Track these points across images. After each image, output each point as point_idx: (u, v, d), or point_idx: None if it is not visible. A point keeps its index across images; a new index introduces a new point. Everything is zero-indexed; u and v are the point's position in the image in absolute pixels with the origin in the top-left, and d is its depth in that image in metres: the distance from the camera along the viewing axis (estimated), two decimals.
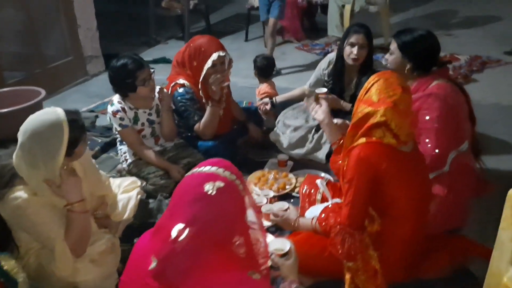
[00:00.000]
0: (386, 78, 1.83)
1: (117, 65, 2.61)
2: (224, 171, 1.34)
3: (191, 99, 2.89)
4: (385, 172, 1.81)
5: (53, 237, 1.85)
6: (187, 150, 2.93)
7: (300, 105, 3.31)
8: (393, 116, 1.77)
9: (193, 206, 1.29)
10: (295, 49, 5.61)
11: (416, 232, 1.98)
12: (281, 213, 2.25)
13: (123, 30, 6.15)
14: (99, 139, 3.49)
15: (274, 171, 2.90)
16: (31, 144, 1.80)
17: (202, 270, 1.28)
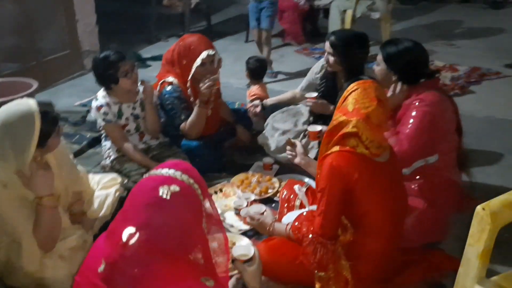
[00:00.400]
0: (365, 88, 1.80)
1: (100, 57, 2.64)
2: (181, 174, 1.30)
3: (178, 97, 2.87)
4: (357, 182, 1.78)
5: (20, 231, 1.84)
6: (171, 150, 2.91)
7: (289, 108, 3.28)
8: (364, 129, 1.75)
9: (146, 210, 1.24)
10: (294, 52, 5.59)
11: (390, 245, 1.95)
12: (257, 216, 2.22)
13: (124, 27, 6.15)
14: (88, 134, 3.49)
15: (258, 174, 2.87)
16: (1, 135, 1.79)
17: (153, 279, 1.23)
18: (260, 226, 2.22)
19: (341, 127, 1.78)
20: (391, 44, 2.34)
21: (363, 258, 1.92)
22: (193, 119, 2.85)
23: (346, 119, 1.76)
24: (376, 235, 1.89)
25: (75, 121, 3.67)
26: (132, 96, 2.79)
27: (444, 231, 2.33)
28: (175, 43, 2.97)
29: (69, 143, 3.32)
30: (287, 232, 2.04)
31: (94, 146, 3.32)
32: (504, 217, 1.53)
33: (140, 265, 1.22)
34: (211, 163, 2.96)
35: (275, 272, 2.00)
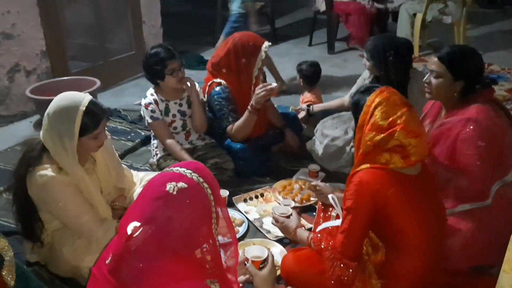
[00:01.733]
0: (387, 98, 1.69)
1: (151, 52, 2.71)
2: (192, 173, 1.30)
3: (227, 98, 2.87)
4: (389, 199, 1.67)
5: (73, 215, 1.95)
6: (216, 151, 2.91)
7: (341, 115, 3.16)
8: (407, 138, 1.64)
9: (151, 204, 1.25)
10: (358, 57, 5.40)
11: (428, 265, 1.80)
12: (281, 219, 2.16)
13: (189, 29, 6.31)
14: (143, 132, 3.59)
15: (302, 181, 2.79)
16: (52, 117, 1.91)
17: (158, 275, 1.23)
18: (283, 229, 2.16)
19: (381, 146, 1.67)
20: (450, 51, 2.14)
21: (397, 278, 1.78)
22: (241, 123, 2.83)
23: (385, 136, 1.66)
24: (411, 254, 1.75)
25: (133, 119, 3.79)
26: (179, 94, 2.84)
27: (496, 254, 2.11)
28: (220, 48, 2.96)
29: (124, 140, 3.44)
30: (308, 241, 1.96)
31: (146, 144, 3.41)
32: None
33: (145, 259, 1.23)
34: (255, 166, 2.93)
35: (302, 283, 1.93)
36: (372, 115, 1.68)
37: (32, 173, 1.92)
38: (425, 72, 2.29)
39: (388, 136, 1.66)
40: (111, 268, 1.28)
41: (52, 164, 1.94)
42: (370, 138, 1.68)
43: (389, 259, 1.79)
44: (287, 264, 1.97)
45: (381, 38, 3.00)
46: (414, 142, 1.66)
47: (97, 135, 1.97)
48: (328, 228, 2.04)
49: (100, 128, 1.96)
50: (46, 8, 3.93)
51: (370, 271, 1.78)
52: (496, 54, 5.15)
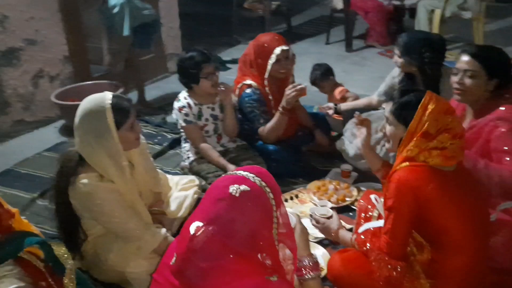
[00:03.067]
0: (437, 105, 1.69)
1: (186, 55, 2.72)
2: (254, 177, 1.33)
3: (258, 100, 2.87)
4: (429, 196, 1.67)
5: (119, 221, 1.95)
6: (248, 153, 2.91)
7: (371, 113, 3.14)
8: (450, 140, 1.67)
9: (215, 205, 1.28)
10: (377, 54, 5.39)
11: (476, 262, 1.78)
12: (322, 220, 2.16)
13: (206, 30, 6.31)
14: (169, 135, 3.60)
15: (336, 181, 2.79)
16: (83, 123, 1.91)
17: (221, 274, 1.26)
18: (324, 230, 2.16)
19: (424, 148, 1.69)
20: (485, 49, 2.14)
21: (445, 277, 1.77)
22: (273, 124, 2.83)
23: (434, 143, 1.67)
24: (457, 252, 1.74)
25: (157, 122, 3.80)
26: (212, 98, 2.84)
27: None
28: (249, 45, 2.98)
29: (151, 143, 3.44)
30: (352, 242, 1.97)
31: (174, 147, 3.42)
32: None
33: (208, 259, 1.25)
34: (287, 167, 2.92)
35: (350, 285, 1.92)
36: (425, 123, 1.68)
37: (74, 183, 1.92)
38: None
39: (435, 141, 1.67)
40: (176, 269, 1.31)
41: (93, 172, 1.94)
42: (417, 144, 1.69)
43: (435, 258, 1.77)
44: (334, 266, 1.97)
45: (415, 33, 3.02)
46: (454, 142, 1.67)
47: (132, 124, 1.97)
48: (371, 229, 2.02)
49: (132, 116, 1.97)
50: (69, 13, 3.93)
51: (418, 271, 1.77)
52: None
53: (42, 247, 1.39)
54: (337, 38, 5.83)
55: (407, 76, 2.88)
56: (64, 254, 1.46)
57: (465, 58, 2.11)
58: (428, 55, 2.63)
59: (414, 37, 2.75)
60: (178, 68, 2.77)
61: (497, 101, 2.09)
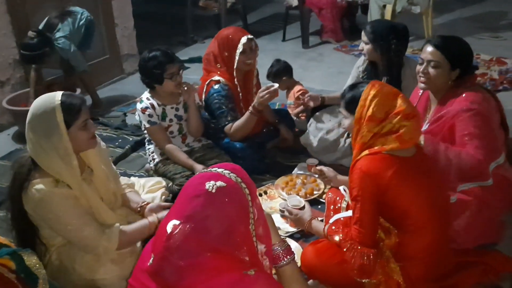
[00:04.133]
0: (380, 90, 1.77)
1: (149, 55, 2.65)
2: (230, 173, 1.33)
3: (226, 96, 2.86)
4: (389, 181, 1.74)
5: (71, 229, 1.86)
6: (214, 151, 2.89)
7: (333, 107, 3.20)
8: (401, 121, 1.73)
9: (191, 203, 1.28)
10: (333, 50, 5.49)
11: (439, 240, 1.87)
12: (295, 211, 2.20)
13: (160, 29, 6.21)
14: (131, 137, 3.52)
15: (303, 175, 2.82)
16: (33, 124, 1.82)
17: (199, 271, 1.25)
18: (297, 221, 2.21)
19: (377, 133, 1.76)
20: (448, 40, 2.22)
21: (413, 258, 1.85)
22: (241, 124, 2.83)
23: (382, 125, 1.74)
24: (421, 232, 1.82)
25: (117, 125, 3.70)
26: (175, 98, 2.80)
27: (500, 232, 2.22)
28: (212, 41, 2.97)
29: (112, 146, 3.35)
30: (325, 233, 2.01)
31: (137, 149, 3.35)
32: None
33: (186, 257, 1.24)
34: (254, 164, 2.92)
35: (324, 275, 1.96)
36: (369, 107, 1.75)
37: (27, 189, 1.83)
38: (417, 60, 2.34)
39: (385, 125, 1.74)
40: (153, 270, 1.29)
41: (47, 178, 1.85)
42: (369, 129, 1.76)
43: (402, 241, 1.85)
44: (307, 257, 2.00)
45: (382, 22, 3.11)
46: (407, 123, 1.73)
47: (84, 123, 1.89)
48: (341, 219, 2.07)
49: (83, 114, 1.88)
50: (17, 15, 3.77)
51: (388, 256, 1.84)
52: None
53: (13, 258, 1.33)
54: (294, 35, 5.89)
55: (370, 64, 2.95)
56: (35, 264, 1.40)
57: (429, 49, 2.20)
58: (395, 42, 2.72)
59: (381, 25, 2.83)
60: (140, 68, 2.71)
61: (459, 90, 2.19)
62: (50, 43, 3.63)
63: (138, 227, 2.01)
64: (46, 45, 3.60)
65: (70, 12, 3.79)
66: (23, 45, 3.59)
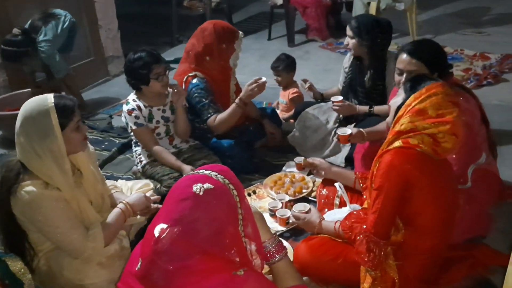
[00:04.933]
0: (446, 94, 1.71)
1: (135, 56, 2.62)
2: (217, 174, 1.32)
3: (205, 88, 2.85)
4: (416, 181, 1.72)
5: (62, 232, 1.84)
6: (202, 152, 2.87)
7: (320, 105, 3.21)
8: (447, 134, 1.68)
9: (178, 206, 1.26)
10: (319, 48, 5.50)
11: (441, 247, 1.89)
12: (302, 215, 2.17)
13: (145, 30, 6.18)
14: (117, 140, 3.49)
15: (292, 174, 2.82)
16: (25, 134, 1.80)
17: (188, 274, 1.24)
18: (306, 225, 2.16)
19: (417, 129, 1.70)
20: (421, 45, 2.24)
21: (412, 258, 1.85)
22: (226, 116, 2.81)
23: (429, 124, 1.68)
24: (427, 235, 1.82)
25: (103, 127, 3.67)
26: (162, 99, 2.77)
27: (487, 225, 2.25)
28: (193, 37, 2.94)
29: (98, 149, 3.32)
30: (337, 230, 1.98)
31: (123, 152, 3.32)
32: None
33: (175, 260, 1.23)
34: (243, 164, 2.92)
35: (317, 272, 1.97)
36: (424, 101, 1.69)
37: (16, 192, 1.81)
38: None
39: (432, 124, 1.68)
40: (141, 274, 1.27)
41: (36, 180, 1.83)
42: (412, 120, 1.69)
43: (407, 239, 1.84)
44: (300, 254, 2.00)
45: (366, 16, 3.13)
46: (449, 140, 1.69)
47: (77, 124, 1.88)
48: (353, 213, 2.06)
49: (76, 116, 1.88)
50: None
51: (388, 252, 1.82)
52: (447, 36, 5.40)
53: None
54: (279, 33, 5.89)
55: (356, 59, 2.97)
56: (20, 269, 1.39)
57: (404, 57, 2.17)
58: (380, 35, 2.76)
59: (365, 19, 2.87)
60: (126, 69, 2.68)
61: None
62: (33, 44, 3.59)
63: (114, 217, 2.01)
64: (29, 45, 3.57)
65: (54, 15, 3.75)
66: (5, 41, 3.56)
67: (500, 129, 3.17)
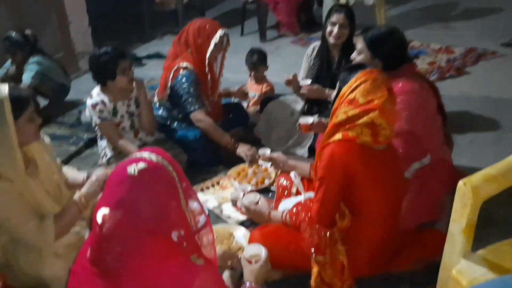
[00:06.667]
0: (374, 79, 1.77)
1: (100, 51, 2.64)
2: (149, 154, 1.33)
3: (194, 82, 2.89)
4: (357, 171, 1.79)
5: (16, 224, 1.86)
6: (167, 144, 2.92)
7: (286, 98, 3.28)
8: (379, 119, 1.74)
9: (116, 189, 1.29)
10: (290, 43, 5.56)
11: (388, 233, 1.95)
12: (252, 207, 2.23)
13: (117, 26, 6.13)
14: (85, 135, 3.50)
15: (255, 165, 2.88)
16: None
17: (139, 257, 1.27)
18: (256, 215, 2.23)
19: (352, 120, 1.76)
20: (374, 31, 2.32)
21: (360, 244, 1.93)
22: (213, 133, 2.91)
23: (359, 112, 1.74)
24: (373, 223, 1.90)
25: (71, 122, 3.68)
26: (127, 94, 2.80)
27: (438, 211, 2.33)
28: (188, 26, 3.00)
29: (66, 144, 3.33)
30: (284, 218, 2.05)
31: (91, 146, 3.34)
32: (485, 191, 1.53)
33: (122, 243, 1.26)
34: (208, 156, 2.97)
35: (272, 258, 1.97)
36: (354, 90, 1.76)
37: None
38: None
39: (363, 113, 1.74)
40: (92, 260, 1.31)
41: None
42: (345, 111, 1.77)
43: (354, 226, 1.92)
44: (254, 241, 2.04)
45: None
46: (385, 124, 1.76)
47: (31, 115, 1.89)
48: (300, 202, 2.14)
49: (30, 107, 1.88)
50: None
51: (336, 237, 1.90)
52: (415, 31, 5.49)
53: None
54: (252, 29, 5.92)
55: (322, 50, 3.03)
56: None
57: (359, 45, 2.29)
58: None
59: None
60: (91, 64, 2.69)
61: (396, 80, 2.24)
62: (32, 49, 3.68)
63: (67, 210, 1.98)
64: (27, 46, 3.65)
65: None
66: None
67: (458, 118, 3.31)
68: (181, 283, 1.29)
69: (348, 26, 2.85)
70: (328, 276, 1.88)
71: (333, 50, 2.97)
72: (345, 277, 1.89)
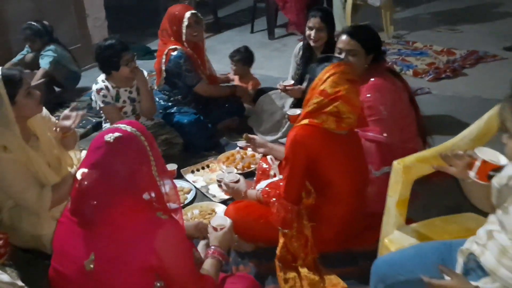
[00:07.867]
0: (342, 72, 1.92)
1: (105, 44, 2.91)
2: (125, 126, 1.52)
3: (187, 58, 3.20)
4: (319, 153, 1.95)
5: (18, 191, 2.09)
6: (165, 128, 3.16)
7: (277, 92, 3.47)
8: (344, 107, 1.89)
9: (94, 153, 1.49)
10: (297, 41, 5.71)
11: (351, 212, 2.10)
12: (231, 184, 2.44)
13: (133, 20, 6.43)
14: (94, 119, 3.77)
15: (243, 151, 3.08)
16: None
17: (112, 210, 1.47)
18: (234, 193, 2.44)
19: (321, 109, 1.91)
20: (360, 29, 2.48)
21: (324, 221, 2.09)
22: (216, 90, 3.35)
23: (327, 101, 1.89)
24: (337, 203, 2.06)
25: (83, 107, 3.95)
26: (129, 82, 3.05)
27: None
28: (163, 19, 3.31)
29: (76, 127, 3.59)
30: (258, 196, 2.24)
31: (98, 129, 3.59)
32: (417, 170, 1.69)
33: (97, 196, 1.46)
34: (201, 141, 3.20)
35: (244, 231, 2.19)
36: (324, 82, 1.91)
37: None
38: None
39: (330, 101, 1.90)
40: (72, 210, 1.52)
41: None
42: (316, 101, 1.93)
43: (319, 204, 2.09)
44: (229, 214, 2.23)
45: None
46: (348, 112, 1.92)
47: (27, 90, 2.10)
48: (273, 182, 2.32)
49: (24, 84, 2.09)
50: None
51: (302, 213, 2.08)
52: (421, 33, 5.60)
53: None
54: (262, 27, 6.12)
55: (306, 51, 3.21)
56: None
57: (344, 38, 2.40)
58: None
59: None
60: (97, 56, 2.96)
61: (369, 76, 2.40)
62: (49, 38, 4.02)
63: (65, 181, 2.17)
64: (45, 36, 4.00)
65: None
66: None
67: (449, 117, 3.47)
68: (147, 232, 1.49)
69: (325, 29, 2.99)
70: (293, 248, 2.07)
71: (316, 51, 3.14)
72: (309, 250, 2.07)
